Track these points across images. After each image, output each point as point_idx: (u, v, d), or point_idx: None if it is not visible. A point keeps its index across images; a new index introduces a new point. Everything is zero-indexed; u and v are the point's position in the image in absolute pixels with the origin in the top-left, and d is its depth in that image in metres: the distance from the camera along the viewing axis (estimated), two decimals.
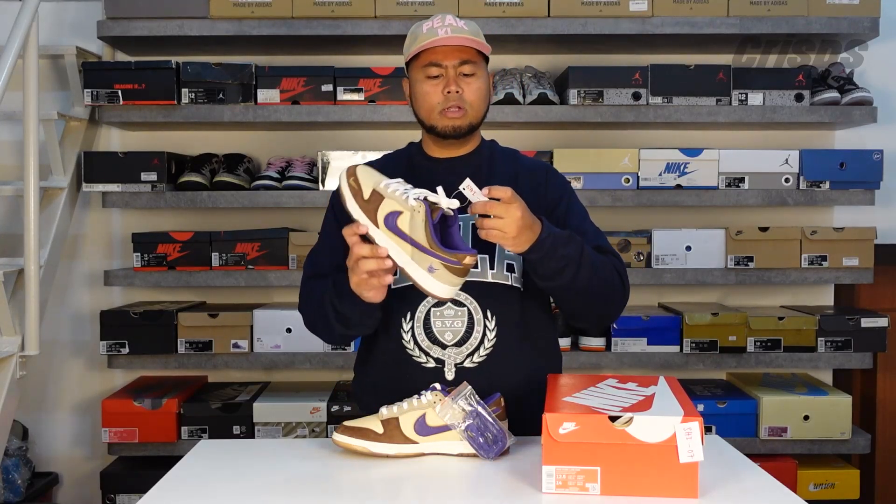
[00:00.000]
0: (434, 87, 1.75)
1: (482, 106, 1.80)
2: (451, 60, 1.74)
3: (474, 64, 1.77)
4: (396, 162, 1.89)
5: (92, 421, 3.23)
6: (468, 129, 1.78)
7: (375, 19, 2.92)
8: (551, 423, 1.38)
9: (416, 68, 1.78)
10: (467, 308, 1.74)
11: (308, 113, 2.95)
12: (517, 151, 1.93)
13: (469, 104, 1.76)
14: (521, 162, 1.89)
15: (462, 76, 1.75)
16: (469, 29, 1.75)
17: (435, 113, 1.76)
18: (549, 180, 1.84)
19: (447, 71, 1.74)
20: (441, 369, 1.73)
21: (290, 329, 2.94)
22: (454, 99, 1.74)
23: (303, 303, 1.84)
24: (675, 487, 1.37)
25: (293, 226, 3.13)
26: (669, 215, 3.20)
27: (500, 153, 1.89)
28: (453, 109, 1.74)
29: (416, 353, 1.74)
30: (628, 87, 2.94)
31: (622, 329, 2.94)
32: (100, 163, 2.97)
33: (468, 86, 1.76)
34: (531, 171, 1.86)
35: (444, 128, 1.76)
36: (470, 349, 1.73)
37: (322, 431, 2.89)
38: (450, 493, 1.47)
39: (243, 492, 1.46)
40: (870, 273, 2.99)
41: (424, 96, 1.76)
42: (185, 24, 2.92)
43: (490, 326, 1.74)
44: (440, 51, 1.73)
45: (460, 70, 1.75)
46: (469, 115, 1.77)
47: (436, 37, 1.71)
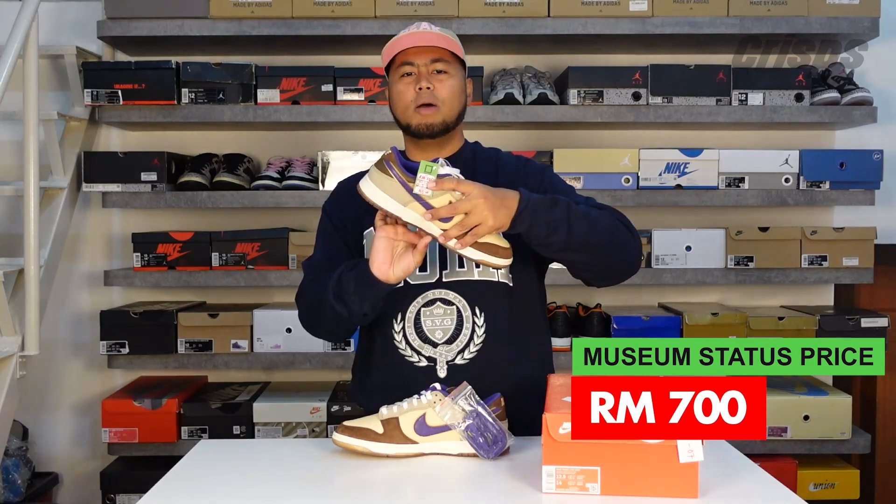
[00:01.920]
0: (407, 86, 1.78)
1: (455, 104, 1.80)
2: (423, 59, 1.77)
3: (447, 63, 1.79)
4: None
5: (92, 421, 3.23)
6: (441, 126, 1.78)
7: (375, 19, 2.92)
8: (551, 423, 1.38)
9: (392, 72, 1.82)
10: (456, 306, 1.75)
11: (308, 113, 2.95)
12: (499, 150, 1.94)
13: (441, 101, 1.77)
14: (500, 159, 1.90)
15: (435, 73, 1.77)
16: (443, 33, 1.79)
17: (409, 111, 1.78)
18: (527, 170, 1.85)
19: (419, 69, 1.77)
20: (433, 367, 1.75)
21: (290, 329, 2.94)
22: (426, 95, 1.76)
23: (300, 298, 1.83)
24: (675, 487, 1.37)
25: (293, 226, 3.13)
26: (669, 215, 3.20)
27: (481, 155, 1.90)
28: (426, 106, 1.76)
29: (408, 352, 1.76)
30: (628, 87, 2.94)
31: (622, 329, 2.94)
32: (100, 163, 2.97)
33: (440, 83, 1.77)
34: (510, 165, 1.87)
35: (418, 125, 1.78)
36: (460, 346, 1.75)
37: (322, 431, 2.89)
38: (450, 493, 1.47)
39: (243, 492, 1.46)
40: (870, 273, 2.99)
41: (399, 95, 1.79)
42: (185, 24, 2.92)
43: (479, 323, 1.75)
44: (412, 51, 1.77)
45: (432, 68, 1.77)
46: (442, 112, 1.77)
47: (409, 40, 1.76)
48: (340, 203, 1.89)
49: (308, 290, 1.81)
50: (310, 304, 1.80)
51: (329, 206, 1.91)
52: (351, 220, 1.85)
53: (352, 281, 1.66)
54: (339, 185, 1.94)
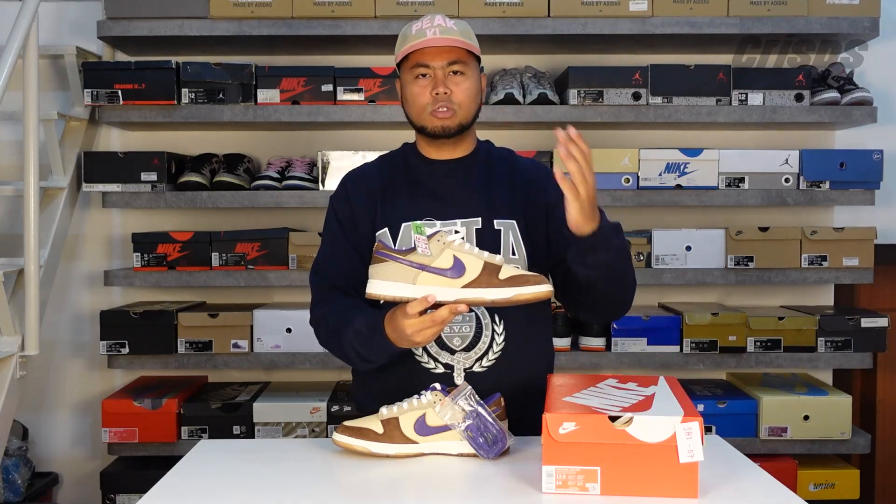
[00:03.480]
0: (423, 89, 1.75)
1: (472, 106, 1.78)
2: (440, 61, 1.74)
3: (464, 64, 1.76)
4: (392, 164, 1.88)
5: (92, 421, 3.23)
6: (457, 128, 1.77)
7: (375, 19, 2.92)
8: (551, 423, 1.38)
9: (405, 69, 1.78)
10: (475, 313, 1.74)
11: (308, 113, 2.95)
12: (513, 152, 1.93)
13: (458, 104, 1.75)
14: (517, 162, 1.89)
15: (451, 75, 1.75)
16: (458, 29, 1.75)
17: (424, 114, 1.76)
18: (550, 184, 1.80)
19: (435, 72, 1.74)
20: (450, 374, 1.73)
21: (290, 329, 2.94)
22: (442, 99, 1.74)
23: (320, 327, 1.80)
24: (675, 487, 1.37)
25: (293, 226, 3.13)
26: (669, 215, 3.20)
27: (497, 155, 1.89)
28: (442, 110, 1.74)
29: (424, 358, 1.74)
30: (628, 87, 2.94)
31: (622, 329, 2.94)
32: (100, 163, 2.97)
33: (457, 86, 1.75)
34: (528, 170, 1.86)
35: (434, 128, 1.76)
36: (479, 353, 1.74)
37: (322, 431, 2.89)
38: (450, 493, 1.47)
39: (243, 492, 1.46)
40: (870, 273, 2.99)
41: (414, 98, 1.77)
42: (185, 24, 2.92)
43: (498, 331, 1.75)
44: (428, 52, 1.74)
45: (449, 70, 1.74)
46: (458, 116, 1.76)
47: (424, 38, 1.72)
48: (349, 195, 1.84)
49: (322, 321, 1.78)
50: (328, 341, 1.78)
51: (337, 200, 1.86)
52: (361, 212, 1.81)
53: (374, 348, 1.66)
54: (346, 176, 1.89)
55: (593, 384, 1.59)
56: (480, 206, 1.78)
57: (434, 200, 1.79)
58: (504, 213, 1.79)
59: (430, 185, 1.81)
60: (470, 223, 1.76)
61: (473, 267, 1.55)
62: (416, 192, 1.80)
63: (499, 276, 1.54)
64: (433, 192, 1.80)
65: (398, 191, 1.81)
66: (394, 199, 1.80)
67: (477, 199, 1.79)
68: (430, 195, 1.80)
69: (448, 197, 1.79)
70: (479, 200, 1.79)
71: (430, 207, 1.78)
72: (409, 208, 1.78)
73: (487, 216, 1.77)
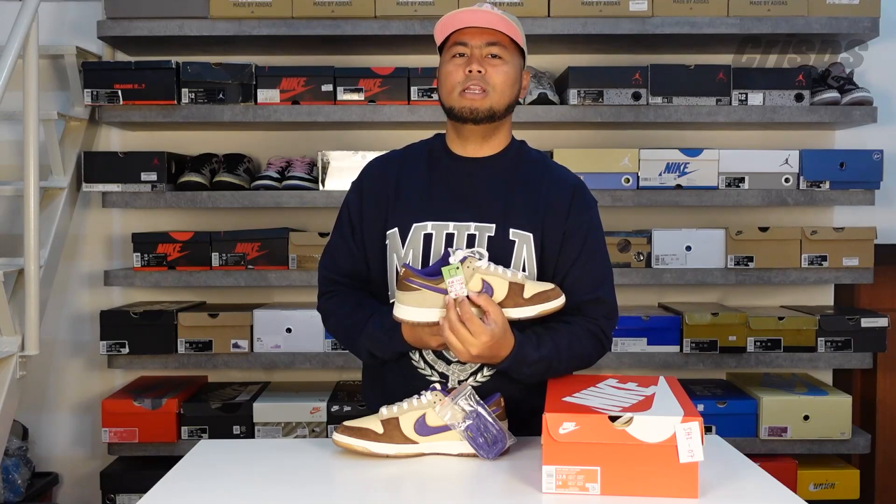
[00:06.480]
0: (457, 67, 1.67)
1: (507, 92, 1.69)
2: (479, 41, 1.67)
3: (503, 48, 1.68)
4: (416, 156, 1.81)
5: (92, 421, 3.23)
6: (487, 113, 1.67)
7: (375, 19, 2.92)
8: (551, 423, 1.38)
9: (444, 51, 1.73)
10: None
11: (308, 113, 2.95)
12: (547, 157, 1.83)
13: (492, 86, 1.66)
14: (550, 172, 1.78)
15: (489, 58, 1.67)
16: (505, 16, 1.68)
17: (455, 93, 1.68)
18: (574, 204, 1.73)
19: (473, 51, 1.67)
20: (445, 385, 1.71)
21: (290, 329, 2.94)
22: (476, 78, 1.65)
23: (329, 321, 1.81)
24: (675, 487, 1.37)
25: (293, 226, 3.13)
26: (669, 215, 3.19)
27: (528, 158, 1.79)
28: (474, 90, 1.66)
29: (421, 365, 1.73)
30: (628, 87, 2.93)
31: (622, 329, 2.93)
32: (100, 163, 2.97)
33: (493, 68, 1.67)
34: (556, 184, 1.75)
35: (462, 109, 1.67)
36: (473, 368, 1.71)
37: (322, 431, 2.89)
38: (450, 493, 1.47)
39: (243, 492, 1.45)
40: (870, 273, 2.99)
41: (447, 76, 1.69)
42: (185, 24, 2.92)
43: None
44: (468, 31, 1.68)
45: (487, 52, 1.67)
46: (491, 98, 1.67)
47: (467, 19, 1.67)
48: (363, 189, 1.79)
49: (331, 316, 1.79)
50: (336, 333, 1.81)
51: (352, 193, 1.81)
52: (371, 208, 1.76)
53: (389, 350, 1.68)
54: (367, 166, 1.84)
55: (593, 384, 1.59)
56: (497, 211, 1.70)
57: (449, 201, 1.72)
58: (521, 223, 1.70)
59: (450, 183, 1.74)
60: (483, 228, 1.69)
61: (501, 289, 1.57)
62: (432, 191, 1.73)
63: (523, 296, 1.58)
64: (451, 190, 1.73)
65: (413, 187, 1.74)
66: (408, 196, 1.74)
67: (495, 203, 1.71)
68: (446, 194, 1.72)
69: (465, 197, 1.71)
70: (497, 205, 1.70)
71: (444, 208, 1.71)
72: (421, 209, 1.71)
73: (503, 223, 1.69)
